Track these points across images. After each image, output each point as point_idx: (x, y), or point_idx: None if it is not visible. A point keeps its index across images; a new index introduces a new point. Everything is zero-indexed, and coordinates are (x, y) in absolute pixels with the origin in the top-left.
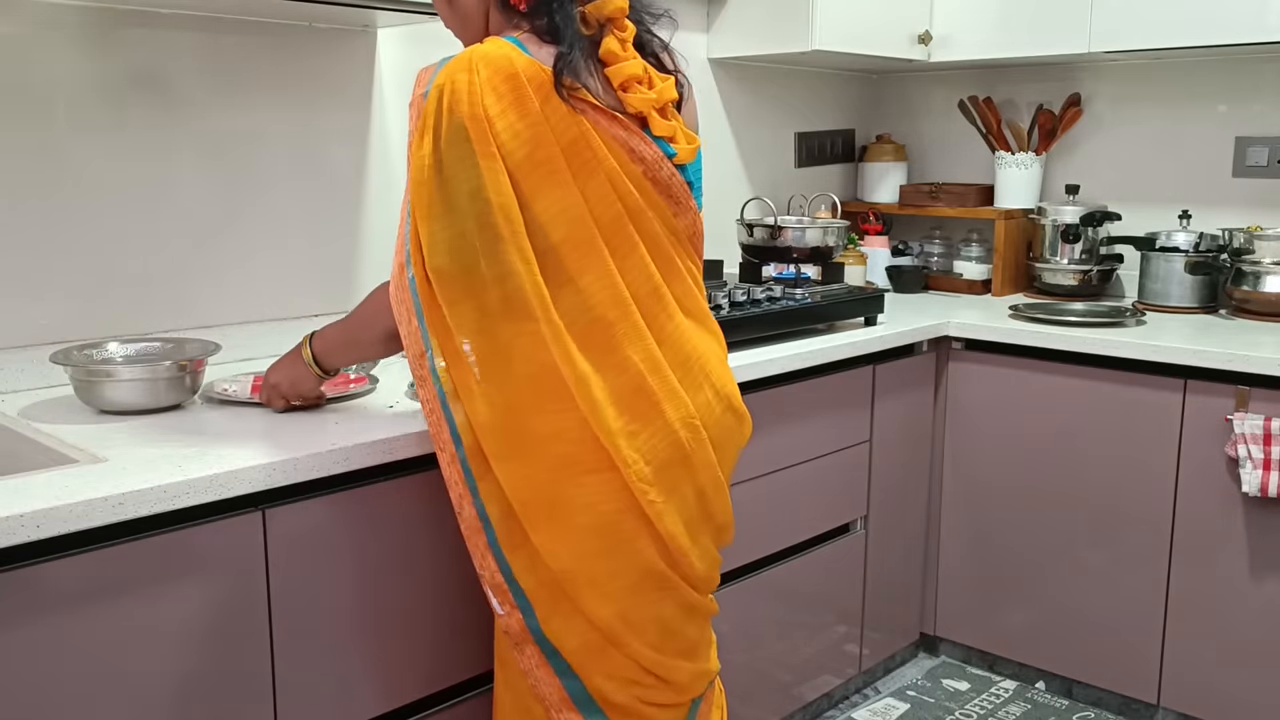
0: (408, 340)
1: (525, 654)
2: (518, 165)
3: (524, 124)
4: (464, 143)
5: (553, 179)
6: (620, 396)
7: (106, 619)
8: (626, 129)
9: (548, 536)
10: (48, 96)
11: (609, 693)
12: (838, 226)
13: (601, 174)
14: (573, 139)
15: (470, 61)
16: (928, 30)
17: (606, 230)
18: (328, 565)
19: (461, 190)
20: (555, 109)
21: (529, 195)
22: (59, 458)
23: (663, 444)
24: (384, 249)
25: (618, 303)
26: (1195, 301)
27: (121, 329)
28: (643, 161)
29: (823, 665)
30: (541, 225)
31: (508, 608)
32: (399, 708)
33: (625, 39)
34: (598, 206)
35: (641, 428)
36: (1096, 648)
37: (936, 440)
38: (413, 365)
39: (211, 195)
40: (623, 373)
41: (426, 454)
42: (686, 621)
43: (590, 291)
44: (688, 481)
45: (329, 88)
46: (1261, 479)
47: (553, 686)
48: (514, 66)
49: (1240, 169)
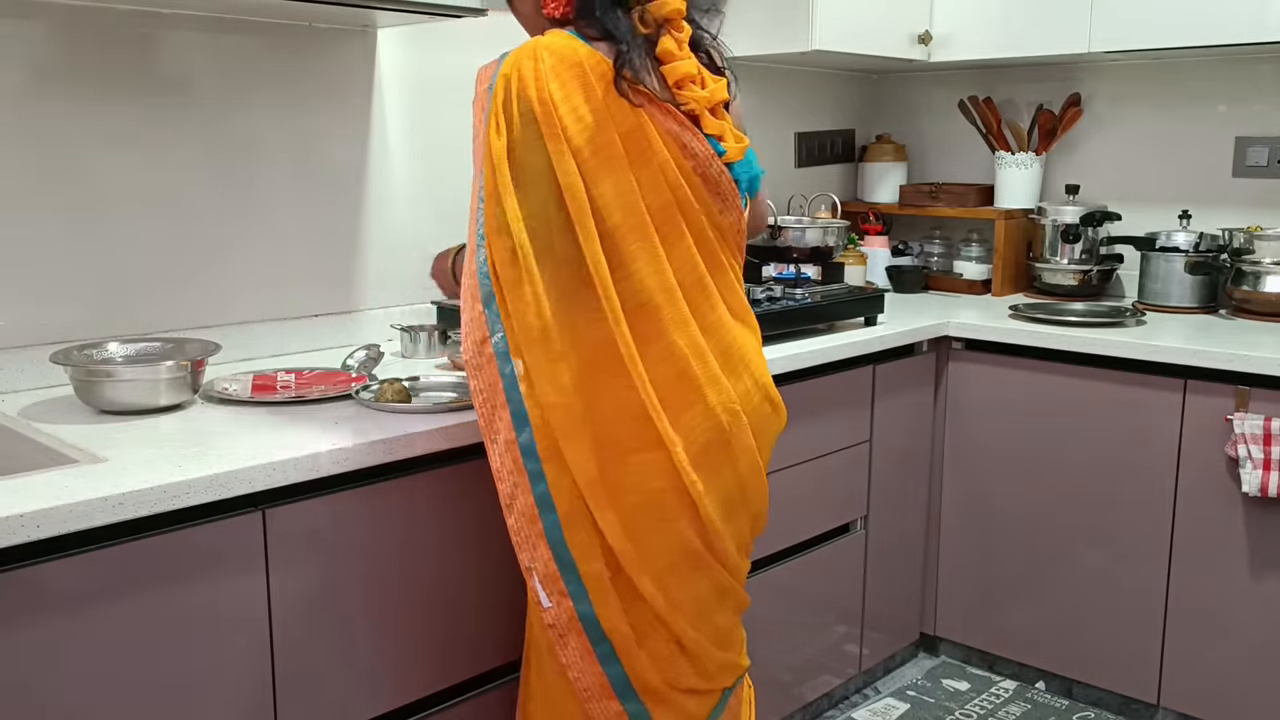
0: (469, 326)
1: (569, 646)
2: (579, 149)
3: (587, 109)
4: (532, 125)
5: (612, 164)
6: (665, 380)
7: (106, 619)
8: (680, 124)
9: (610, 515)
10: (48, 97)
11: (648, 677)
12: (838, 226)
13: (655, 164)
14: (630, 128)
15: (535, 50)
16: (928, 30)
17: (657, 218)
18: (328, 565)
19: (533, 171)
20: (616, 100)
21: (590, 178)
22: (59, 458)
23: (705, 427)
24: (384, 248)
25: (665, 289)
26: (1195, 301)
27: (121, 329)
28: (694, 157)
29: (823, 665)
30: (600, 209)
31: (557, 597)
32: (399, 707)
33: (681, 39)
34: (650, 194)
35: (684, 411)
36: (1096, 648)
37: (936, 440)
38: (470, 352)
39: (211, 195)
40: (668, 357)
41: (426, 454)
42: (719, 606)
43: (641, 276)
44: (728, 466)
45: (329, 88)
46: (1261, 479)
47: (594, 675)
48: (578, 55)
49: (1240, 169)
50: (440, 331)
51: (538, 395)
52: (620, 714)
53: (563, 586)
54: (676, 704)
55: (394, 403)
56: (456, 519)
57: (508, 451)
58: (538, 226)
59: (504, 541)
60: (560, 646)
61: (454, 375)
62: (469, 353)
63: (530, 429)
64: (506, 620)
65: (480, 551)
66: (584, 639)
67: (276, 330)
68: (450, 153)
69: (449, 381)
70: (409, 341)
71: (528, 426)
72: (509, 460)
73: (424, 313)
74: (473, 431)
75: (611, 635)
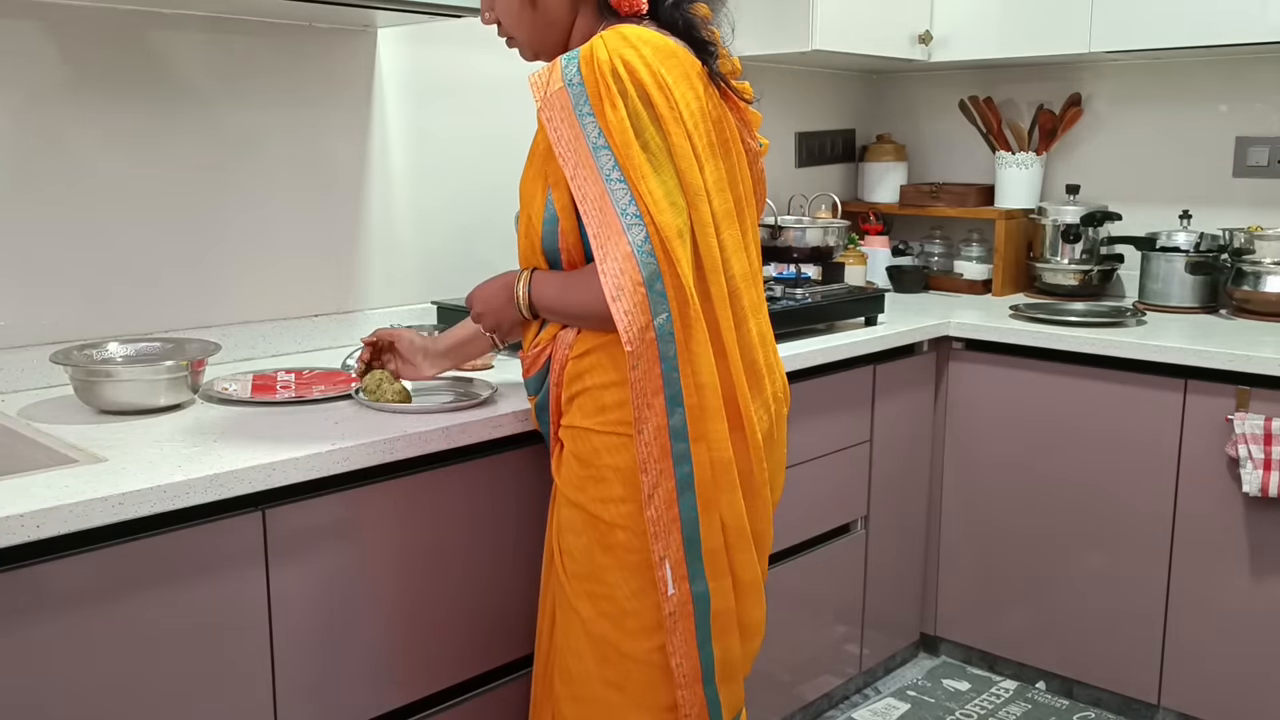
0: (632, 313)
1: (678, 632)
2: (691, 132)
3: (692, 95)
4: (650, 108)
5: (712, 150)
6: (745, 365)
7: (106, 619)
8: (742, 120)
9: (728, 494)
10: (48, 97)
11: (728, 656)
12: (838, 226)
13: (734, 155)
14: (718, 118)
15: (628, 40)
16: (928, 30)
17: (738, 208)
18: (328, 565)
19: (658, 152)
20: (709, 89)
21: (700, 162)
22: (59, 458)
23: (765, 415)
24: (384, 248)
25: (745, 276)
26: (1196, 301)
27: (121, 329)
28: (750, 151)
29: (823, 665)
30: (706, 191)
31: (680, 581)
32: (399, 707)
33: (716, 37)
34: (733, 184)
35: (755, 396)
36: (1096, 648)
37: (936, 440)
38: (634, 341)
39: (212, 195)
40: (746, 343)
41: (426, 454)
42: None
43: (732, 262)
44: (774, 457)
45: (329, 87)
46: (1262, 479)
47: (693, 660)
48: (672, 46)
49: (1241, 169)
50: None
51: (697, 373)
52: (703, 702)
53: (686, 570)
54: (732, 690)
55: (394, 403)
56: (457, 519)
57: (655, 439)
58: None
59: (504, 541)
60: (670, 634)
61: (454, 375)
62: (633, 343)
63: (683, 410)
64: (507, 619)
65: (481, 551)
66: (692, 623)
67: (276, 330)
68: (451, 153)
69: (449, 381)
70: None
71: (680, 408)
72: (655, 449)
73: (424, 313)
74: (473, 432)
75: (715, 614)
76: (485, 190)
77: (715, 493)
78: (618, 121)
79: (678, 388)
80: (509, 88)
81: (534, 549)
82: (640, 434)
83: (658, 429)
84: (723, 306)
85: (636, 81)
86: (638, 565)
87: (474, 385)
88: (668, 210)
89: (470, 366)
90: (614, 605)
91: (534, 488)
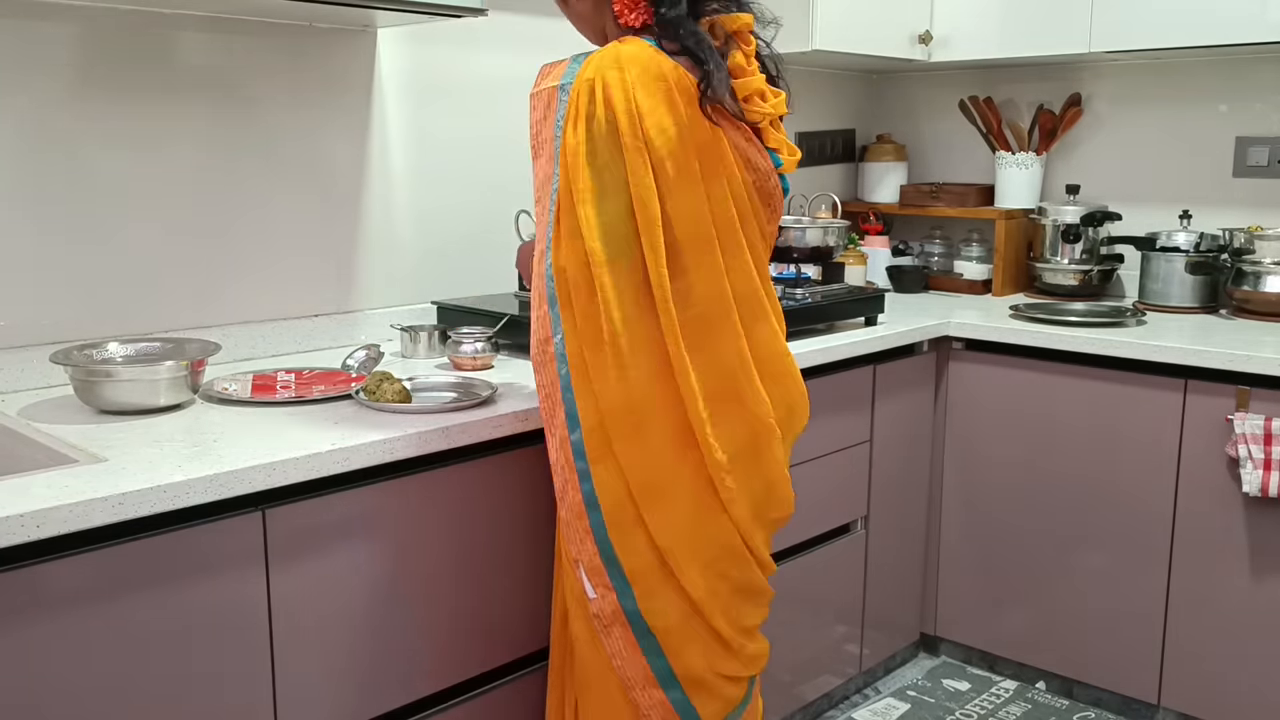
0: (536, 324)
1: (613, 636)
2: (659, 161)
3: (670, 122)
4: (614, 135)
5: (686, 178)
6: (708, 388)
7: (106, 619)
8: (747, 139)
9: (660, 514)
10: (48, 97)
11: (692, 667)
12: (838, 226)
13: (724, 178)
14: (705, 143)
15: (618, 59)
16: (928, 30)
17: (722, 232)
18: (327, 565)
19: (611, 179)
20: (695, 114)
21: (665, 191)
22: (59, 458)
23: (741, 434)
24: (384, 248)
25: (720, 300)
26: (1196, 301)
27: (121, 329)
28: (755, 171)
29: (823, 665)
30: (671, 221)
31: (602, 590)
32: (400, 707)
33: (749, 53)
34: (717, 208)
35: (722, 418)
36: (1096, 648)
37: (936, 440)
38: (536, 349)
39: (211, 195)
40: (712, 366)
41: (426, 454)
42: (746, 600)
43: (697, 288)
44: (758, 474)
45: (329, 87)
46: (1262, 479)
47: (639, 666)
48: (662, 69)
49: (1241, 169)
50: (440, 331)
51: (599, 397)
52: (664, 702)
53: (607, 580)
54: (717, 690)
55: (394, 403)
56: (457, 519)
57: (561, 448)
58: (615, 232)
59: (505, 541)
60: (604, 637)
61: (454, 375)
62: (534, 350)
63: (581, 430)
64: (508, 618)
65: (482, 550)
66: (628, 631)
67: (276, 330)
68: (451, 153)
69: (449, 381)
70: (409, 341)
71: (579, 428)
72: (562, 456)
73: (424, 313)
74: (473, 431)
75: (655, 630)
76: (485, 190)
77: (633, 513)
78: (574, 144)
79: (573, 407)
80: (509, 88)
81: (534, 548)
82: (552, 435)
83: (563, 439)
84: (670, 333)
85: (609, 105)
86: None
87: (474, 385)
88: (599, 238)
89: (470, 366)
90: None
91: (534, 488)
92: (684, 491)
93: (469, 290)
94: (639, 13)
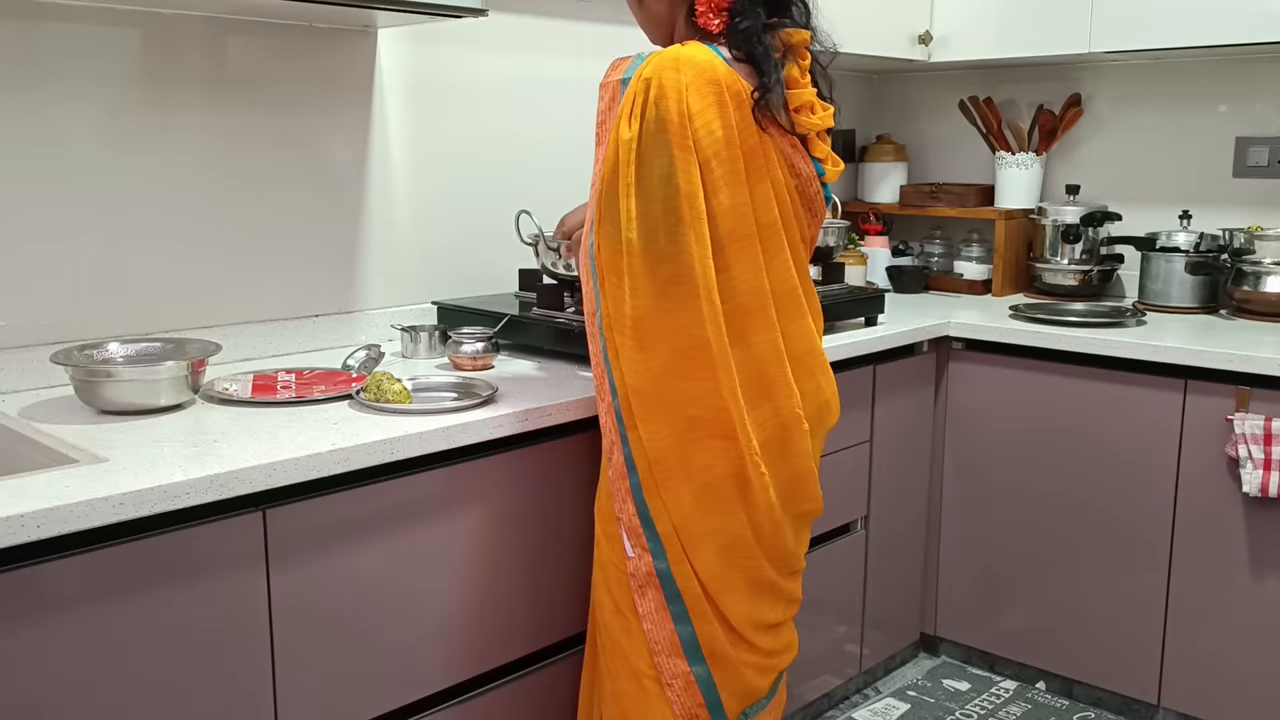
0: (586, 298)
1: (647, 597)
2: (706, 160)
3: (719, 124)
4: (664, 133)
5: (732, 178)
6: (746, 377)
7: (106, 619)
8: (794, 146)
9: (672, 493)
10: (48, 97)
11: (716, 642)
12: (838, 226)
13: (768, 181)
14: (752, 146)
15: (677, 62)
16: (928, 30)
17: (763, 231)
18: (327, 565)
19: (655, 174)
20: (745, 119)
21: (711, 189)
22: (59, 458)
23: (770, 424)
24: (384, 248)
25: (759, 294)
26: (1196, 301)
27: (121, 329)
28: (799, 177)
29: (823, 665)
30: (715, 216)
31: (639, 550)
32: (400, 707)
33: (804, 67)
34: (760, 208)
35: (755, 407)
36: (1096, 648)
37: (936, 440)
38: (587, 319)
39: (211, 195)
40: (749, 357)
41: (427, 454)
42: (762, 595)
43: (739, 281)
44: (784, 464)
45: (329, 88)
46: (1262, 479)
47: (666, 630)
48: (716, 73)
49: (1241, 169)
50: (440, 332)
51: (623, 375)
52: (687, 674)
53: (644, 541)
54: (740, 674)
55: (394, 403)
56: (457, 519)
57: (609, 412)
58: (646, 226)
59: (505, 541)
60: (639, 597)
61: (454, 375)
62: (587, 320)
63: (618, 400)
64: (512, 616)
65: (482, 550)
66: (660, 593)
67: (277, 330)
68: (451, 153)
69: (449, 381)
70: (409, 341)
71: (616, 396)
72: (609, 420)
73: (424, 313)
74: (473, 432)
75: (685, 595)
76: (486, 190)
77: (655, 487)
78: (628, 139)
79: (613, 377)
80: (509, 88)
81: (534, 547)
82: (602, 400)
83: (609, 405)
84: (713, 321)
85: (662, 104)
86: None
87: (474, 385)
88: (636, 230)
89: (471, 366)
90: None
91: (534, 487)
92: (701, 473)
93: (469, 290)
94: (719, 19)
